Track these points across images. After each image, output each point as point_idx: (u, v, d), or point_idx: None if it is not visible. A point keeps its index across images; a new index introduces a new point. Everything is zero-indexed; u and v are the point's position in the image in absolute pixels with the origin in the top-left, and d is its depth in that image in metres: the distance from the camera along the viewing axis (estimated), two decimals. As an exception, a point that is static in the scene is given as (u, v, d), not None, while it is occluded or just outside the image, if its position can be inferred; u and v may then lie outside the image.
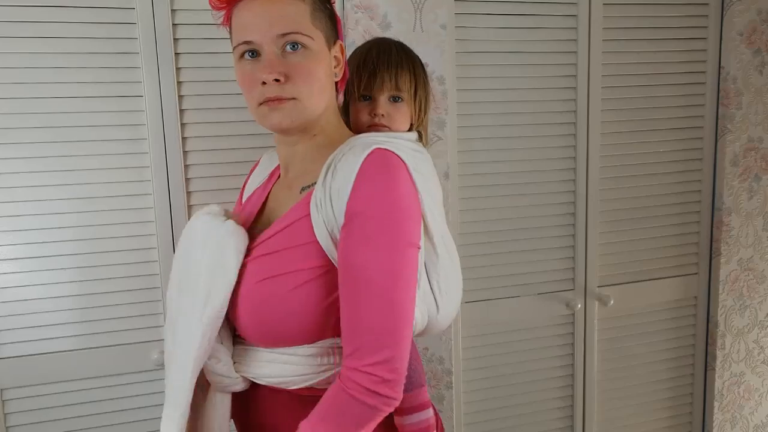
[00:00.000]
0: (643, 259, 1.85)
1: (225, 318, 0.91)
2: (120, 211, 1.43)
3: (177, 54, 1.41)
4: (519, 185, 1.71)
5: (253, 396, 0.95)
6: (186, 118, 1.44)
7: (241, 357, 0.92)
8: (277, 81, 0.83)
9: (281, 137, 0.94)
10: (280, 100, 0.84)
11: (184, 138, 1.45)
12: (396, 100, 1.00)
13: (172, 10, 1.39)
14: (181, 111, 1.43)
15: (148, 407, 1.51)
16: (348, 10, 1.48)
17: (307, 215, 0.84)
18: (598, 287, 1.81)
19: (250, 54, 0.86)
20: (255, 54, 0.85)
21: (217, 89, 1.44)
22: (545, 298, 1.78)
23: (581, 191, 1.76)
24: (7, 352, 1.41)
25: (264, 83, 0.84)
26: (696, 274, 1.91)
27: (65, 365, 1.44)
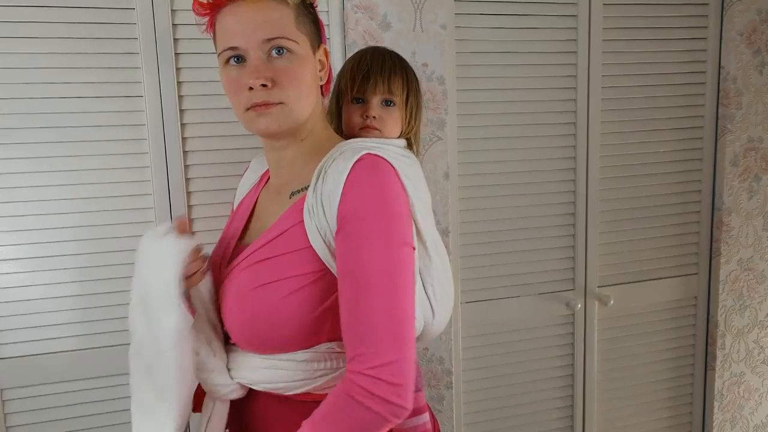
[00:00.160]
0: (643, 259, 1.85)
1: (215, 330, 0.91)
2: (120, 211, 1.43)
3: (177, 54, 1.42)
4: (519, 185, 1.71)
5: (249, 403, 0.95)
6: (186, 118, 1.44)
7: (237, 363, 0.91)
8: (264, 86, 0.83)
9: (269, 142, 0.94)
10: (267, 105, 0.84)
11: (184, 138, 1.45)
12: (388, 104, 1.01)
13: (172, 10, 1.39)
14: (181, 111, 1.44)
15: (148, 407, 1.51)
16: (348, 10, 1.48)
17: (301, 222, 0.84)
18: (598, 287, 1.81)
19: (235, 59, 0.86)
20: (240, 59, 0.85)
21: (217, 89, 1.44)
22: (545, 298, 1.78)
23: (581, 191, 1.76)
24: (8, 352, 1.42)
25: (251, 88, 0.84)
26: (696, 274, 1.91)
27: (66, 365, 1.44)
